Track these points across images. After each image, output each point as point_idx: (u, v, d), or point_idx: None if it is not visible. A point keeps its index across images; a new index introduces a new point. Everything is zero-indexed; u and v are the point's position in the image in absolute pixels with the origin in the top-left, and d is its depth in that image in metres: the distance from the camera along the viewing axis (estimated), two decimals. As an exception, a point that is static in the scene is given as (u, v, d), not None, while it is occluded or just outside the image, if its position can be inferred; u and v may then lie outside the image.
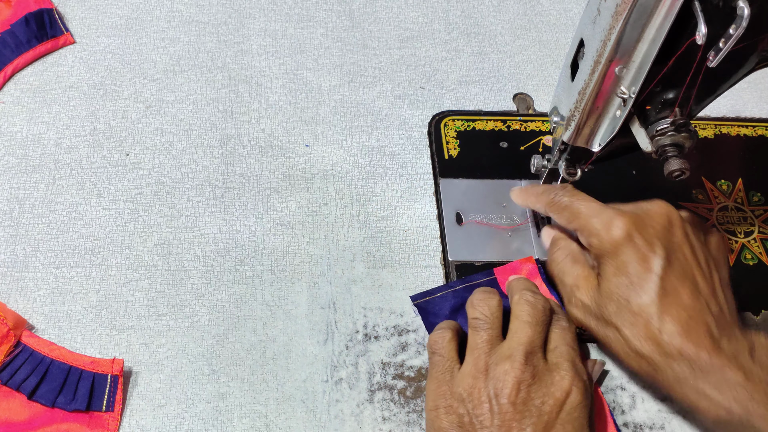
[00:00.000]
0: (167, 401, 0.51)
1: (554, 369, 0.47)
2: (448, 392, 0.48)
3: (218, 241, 0.59)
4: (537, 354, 0.47)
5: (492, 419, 0.45)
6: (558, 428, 0.45)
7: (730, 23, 0.39)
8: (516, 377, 0.46)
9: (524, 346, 0.47)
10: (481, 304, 0.50)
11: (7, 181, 0.60)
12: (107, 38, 0.70)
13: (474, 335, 0.49)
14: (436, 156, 0.65)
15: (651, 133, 0.46)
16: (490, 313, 0.50)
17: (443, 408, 0.47)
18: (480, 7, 0.76)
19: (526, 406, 0.45)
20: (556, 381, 0.46)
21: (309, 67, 0.70)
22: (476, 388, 0.46)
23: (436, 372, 0.49)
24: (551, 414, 0.45)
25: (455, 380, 0.48)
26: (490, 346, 0.48)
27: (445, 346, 0.50)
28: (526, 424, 0.45)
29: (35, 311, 0.54)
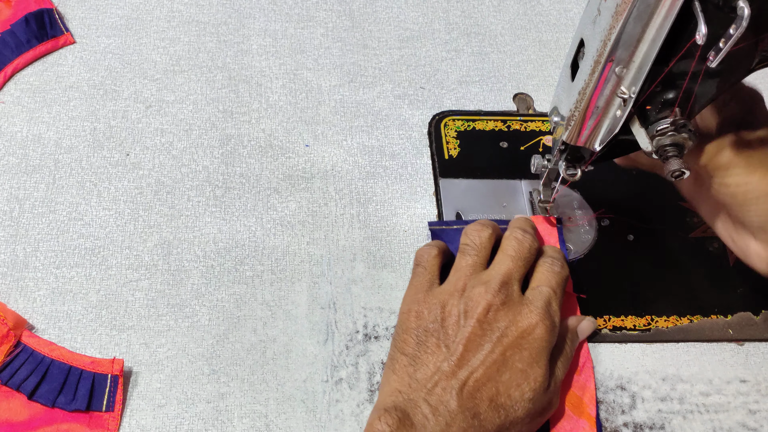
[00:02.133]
0: (167, 401, 0.51)
1: (527, 303, 0.50)
2: (422, 300, 0.51)
3: (218, 241, 0.59)
4: (512, 285, 0.51)
5: (457, 331, 0.49)
6: (515, 351, 0.48)
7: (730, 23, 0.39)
8: (488, 300, 0.49)
9: (502, 275, 0.51)
10: (473, 233, 0.54)
11: (7, 181, 0.60)
12: (107, 38, 0.70)
13: (460, 259, 0.53)
14: (436, 156, 0.65)
15: (651, 133, 0.46)
16: (479, 242, 0.54)
17: (414, 312, 0.51)
18: (480, 7, 0.76)
19: (490, 326, 0.49)
20: (524, 313, 0.49)
21: (309, 67, 0.70)
22: (450, 303, 0.50)
23: (416, 281, 0.53)
24: (512, 338, 0.48)
25: (433, 292, 0.52)
26: (472, 270, 0.52)
27: (429, 260, 0.54)
28: (485, 340, 0.48)
29: (35, 311, 0.54)
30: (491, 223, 0.55)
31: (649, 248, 0.60)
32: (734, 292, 0.59)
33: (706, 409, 0.54)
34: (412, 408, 0.46)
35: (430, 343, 0.49)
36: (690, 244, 0.62)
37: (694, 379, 0.55)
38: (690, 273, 0.60)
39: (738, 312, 0.58)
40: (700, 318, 0.58)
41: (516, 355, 0.48)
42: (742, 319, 0.58)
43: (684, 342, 0.57)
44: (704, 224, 0.62)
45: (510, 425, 0.47)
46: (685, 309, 0.58)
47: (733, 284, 0.59)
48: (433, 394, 0.47)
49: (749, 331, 0.57)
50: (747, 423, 0.54)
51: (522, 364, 0.48)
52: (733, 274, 0.60)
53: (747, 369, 0.56)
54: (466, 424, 0.46)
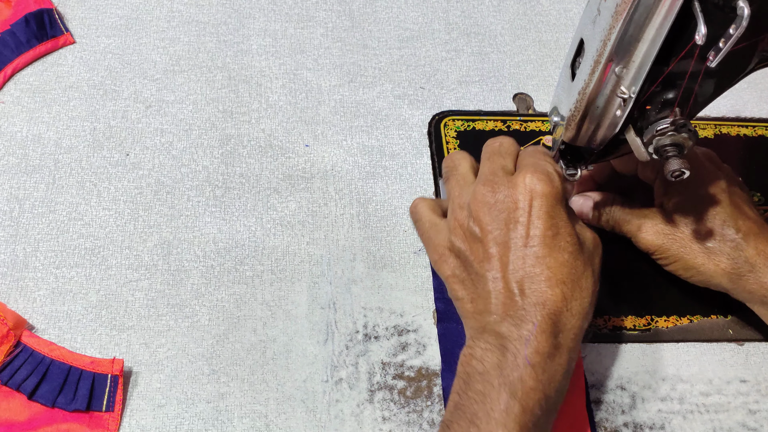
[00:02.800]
0: (167, 401, 0.51)
1: (516, 176, 0.50)
2: (439, 241, 0.52)
3: (218, 241, 0.59)
4: (497, 175, 0.50)
5: (477, 249, 0.49)
6: (536, 225, 0.48)
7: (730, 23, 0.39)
8: (478, 200, 0.49)
9: (484, 175, 0.51)
10: (446, 159, 0.56)
11: (7, 181, 0.60)
12: (107, 38, 0.70)
13: (447, 185, 0.54)
14: (436, 156, 0.65)
15: (651, 133, 0.46)
16: (454, 162, 0.55)
17: (440, 258, 0.51)
18: (480, 7, 0.76)
19: (497, 221, 0.48)
20: (518, 183, 0.49)
21: (309, 67, 0.70)
22: (458, 225, 0.51)
23: (423, 233, 0.54)
24: (522, 216, 0.48)
25: (439, 230, 0.52)
26: (458, 187, 0.52)
27: (420, 210, 0.55)
28: (502, 236, 0.48)
29: (35, 311, 0.54)
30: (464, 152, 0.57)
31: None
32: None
33: (706, 409, 0.54)
34: (489, 332, 0.46)
35: (471, 274, 0.49)
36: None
37: (694, 379, 0.55)
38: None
39: (738, 312, 0.58)
40: (700, 318, 0.58)
41: (537, 228, 0.48)
42: (742, 319, 0.58)
43: (684, 342, 0.57)
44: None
45: (575, 287, 0.47)
46: (685, 309, 0.58)
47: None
48: (498, 313, 0.47)
49: (749, 331, 0.58)
50: (747, 423, 0.54)
51: (549, 230, 0.47)
52: None
53: (747, 369, 0.56)
54: (541, 315, 0.46)
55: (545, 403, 0.44)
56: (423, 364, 0.54)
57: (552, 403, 0.45)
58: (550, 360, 0.45)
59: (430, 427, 0.52)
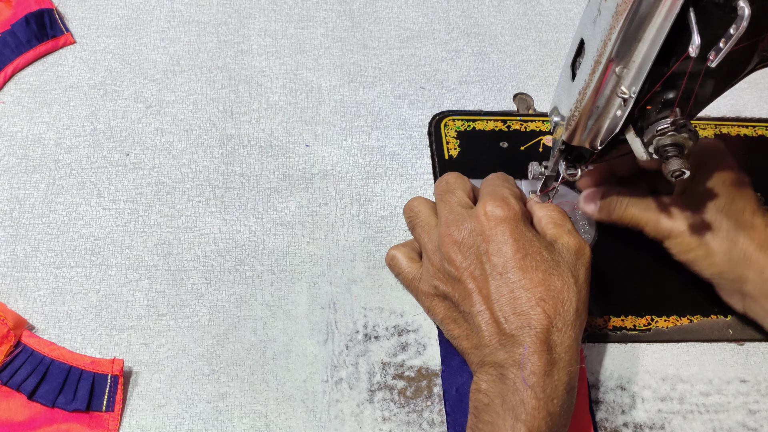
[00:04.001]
0: (167, 401, 0.51)
1: (475, 209, 0.51)
2: (424, 289, 0.54)
3: (218, 241, 0.59)
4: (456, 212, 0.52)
5: (459, 286, 0.50)
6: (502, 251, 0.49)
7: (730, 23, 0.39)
8: (446, 241, 0.51)
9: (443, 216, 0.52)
10: (405, 209, 0.58)
11: (7, 181, 0.60)
12: (107, 38, 0.70)
13: (414, 234, 0.56)
14: (436, 156, 0.65)
15: (651, 133, 0.46)
16: (412, 211, 0.57)
17: (430, 304, 0.53)
18: (480, 7, 0.76)
19: (469, 255, 0.50)
20: (478, 215, 0.50)
21: (309, 67, 0.70)
22: (435, 270, 0.52)
23: (407, 285, 0.56)
24: (489, 245, 0.49)
25: (423, 278, 0.54)
26: (427, 233, 0.54)
27: (398, 264, 0.56)
28: (478, 272, 0.49)
29: (35, 311, 0.54)
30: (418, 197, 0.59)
31: (650, 248, 0.60)
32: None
33: (706, 409, 0.54)
34: (487, 364, 0.48)
35: (460, 313, 0.51)
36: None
37: (694, 379, 0.55)
38: (690, 273, 0.60)
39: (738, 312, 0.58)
40: (700, 318, 0.58)
41: (504, 254, 0.49)
42: (742, 319, 0.58)
43: (684, 342, 0.57)
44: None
45: (556, 301, 0.48)
46: (685, 309, 0.58)
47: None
48: (492, 344, 0.48)
49: (749, 331, 0.57)
50: (747, 423, 0.54)
51: (517, 254, 0.49)
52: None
53: (747, 369, 0.56)
54: (529, 336, 0.46)
55: (551, 420, 0.45)
56: (423, 364, 0.54)
57: (559, 419, 0.46)
58: (548, 378, 0.45)
59: (430, 427, 0.52)
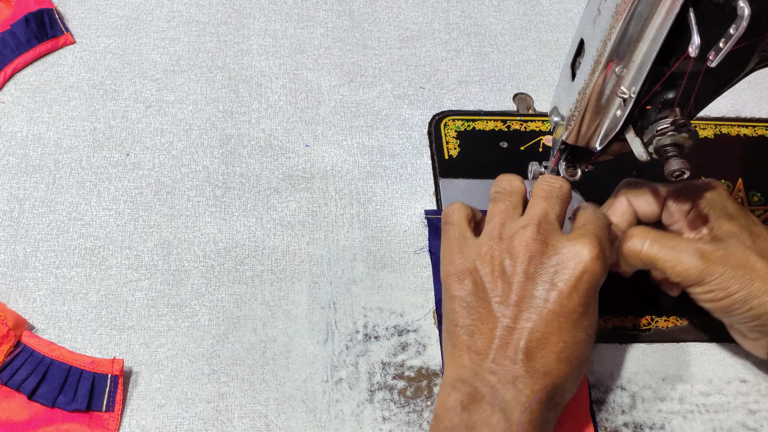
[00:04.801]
0: (167, 401, 0.51)
1: (575, 239, 0.47)
2: (459, 258, 0.48)
3: (218, 241, 0.59)
4: (552, 224, 0.48)
5: (504, 287, 0.46)
6: (573, 297, 0.46)
7: (730, 23, 0.39)
8: (528, 245, 0.46)
9: (538, 215, 0.48)
10: (503, 181, 0.52)
11: (7, 181, 0.60)
12: (107, 38, 0.70)
13: (492, 206, 0.50)
14: (436, 156, 0.65)
15: (651, 133, 0.46)
16: (510, 187, 0.51)
17: (455, 275, 0.48)
18: (480, 7, 0.76)
19: (537, 274, 0.46)
20: (576, 250, 0.46)
21: (309, 67, 0.70)
22: (489, 255, 0.47)
23: (446, 240, 0.50)
24: (566, 283, 0.46)
25: (467, 246, 0.49)
26: (505, 216, 0.49)
27: (455, 215, 0.51)
28: (537, 292, 0.46)
29: (35, 311, 0.54)
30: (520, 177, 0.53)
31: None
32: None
33: (706, 409, 0.54)
34: (480, 381, 0.45)
35: (481, 308, 0.47)
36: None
37: (694, 379, 0.55)
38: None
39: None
40: (700, 318, 0.58)
41: (573, 300, 0.46)
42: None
43: (684, 342, 0.57)
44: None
45: (577, 369, 0.46)
46: (685, 309, 0.58)
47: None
48: (497, 363, 0.45)
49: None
50: (747, 423, 0.54)
51: (581, 307, 0.46)
52: None
53: (747, 369, 0.56)
54: (541, 385, 0.44)
55: None
56: (423, 364, 0.54)
57: None
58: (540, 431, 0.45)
59: (430, 427, 0.52)
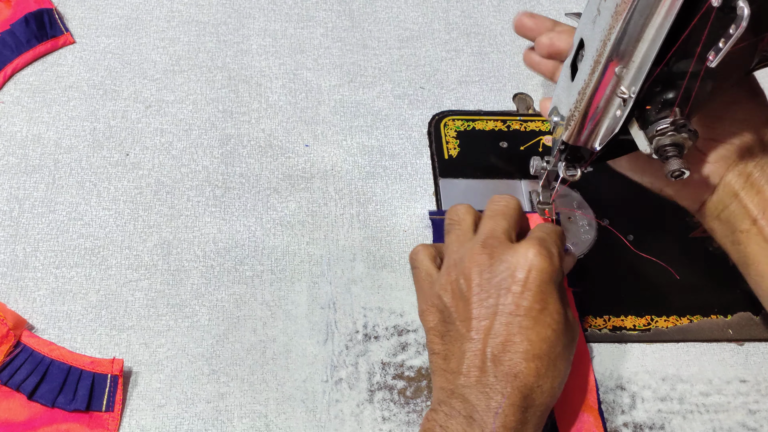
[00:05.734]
0: (167, 401, 0.51)
1: (518, 246, 0.49)
2: (429, 293, 0.51)
3: (218, 241, 0.59)
4: (498, 237, 0.50)
5: (465, 306, 0.48)
6: (526, 296, 0.47)
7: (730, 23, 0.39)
8: (475, 261, 0.49)
9: (485, 233, 0.50)
10: (452, 212, 0.55)
11: (7, 181, 0.60)
12: (107, 38, 0.70)
13: (446, 238, 0.54)
14: (436, 156, 0.65)
15: (651, 133, 0.46)
16: (458, 217, 0.54)
17: (427, 309, 0.51)
18: (480, 7, 0.76)
19: (489, 283, 0.48)
20: (519, 253, 0.48)
21: (309, 67, 0.70)
22: (448, 282, 0.50)
23: (417, 281, 0.54)
24: (517, 284, 0.47)
25: (433, 283, 0.52)
26: (459, 243, 0.52)
27: (419, 258, 0.54)
28: (491, 301, 0.48)
29: (35, 311, 0.54)
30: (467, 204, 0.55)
31: (649, 248, 0.60)
32: (734, 292, 0.59)
33: (706, 409, 0.54)
34: (456, 398, 0.46)
35: (451, 331, 0.49)
36: (690, 244, 0.62)
37: (694, 379, 0.55)
38: (690, 273, 0.60)
39: (738, 312, 0.58)
40: (700, 318, 0.58)
41: (527, 299, 0.47)
42: (742, 319, 0.58)
43: (684, 342, 0.57)
44: (704, 224, 0.62)
45: (550, 365, 0.47)
46: (685, 309, 0.58)
47: (733, 284, 0.59)
48: (470, 376, 0.46)
49: (749, 331, 0.57)
50: (747, 423, 0.54)
51: (538, 304, 0.47)
52: (733, 274, 0.60)
53: (747, 369, 0.56)
54: (512, 387, 0.45)
55: None
56: (423, 364, 0.54)
57: None
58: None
59: (430, 427, 0.52)
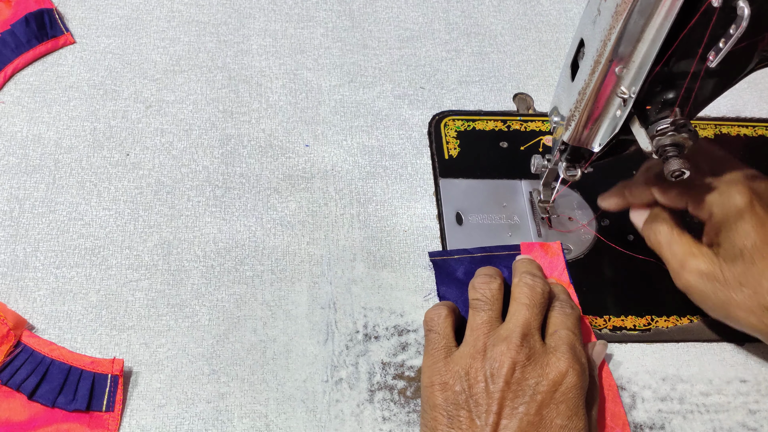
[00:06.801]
0: (167, 401, 0.51)
1: (551, 351, 0.48)
2: (443, 369, 0.49)
3: (218, 241, 0.59)
4: (534, 336, 0.49)
5: (487, 398, 0.46)
6: (552, 408, 0.46)
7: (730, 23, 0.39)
8: (512, 358, 0.47)
9: (521, 327, 0.48)
10: (482, 286, 0.52)
11: (7, 181, 0.60)
12: (107, 38, 0.70)
13: (474, 316, 0.51)
14: (436, 156, 0.65)
15: (651, 133, 0.46)
16: (491, 295, 0.51)
17: (438, 385, 0.48)
18: (480, 7, 0.76)
19: (520, 386, 0.46)
20: (552, 363, 0.47)
21: (309, 67, 0.70)
22: (473, 367, 0.47)
23: (432, 349, 0.50)
24: (545, 394, 0.46)
25: (453, 358, 0.49)
26: (489, 327, 0.49)
27: (440, 323, 0.51)
28: (519, 403, 0.46)
29: (35, 311, 0.54)
30: (497, 272, 0.53)
31: (649, 248, 0.60)
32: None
33: (706, 409, 0.54)
34: None
35: (462, 416, 0.46)
36: (690, 244, 0.61)
37: (694, 379, 0.55)
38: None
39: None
40: (700, 318, 0.58)
41: (553, 411, 0.46)
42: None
43: (684, 342, 0.57)
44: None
45: None
46: (685, 309, 0.58)
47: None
48: None
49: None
50: (747, 423, 0.54)
51: (561, 420, 0.46)
52: None
53: (747, 369, 0.56)
54: None
55: None
56: (423, 364, 0.54)
57: None
58: None
59: (430, 427, 0.52)
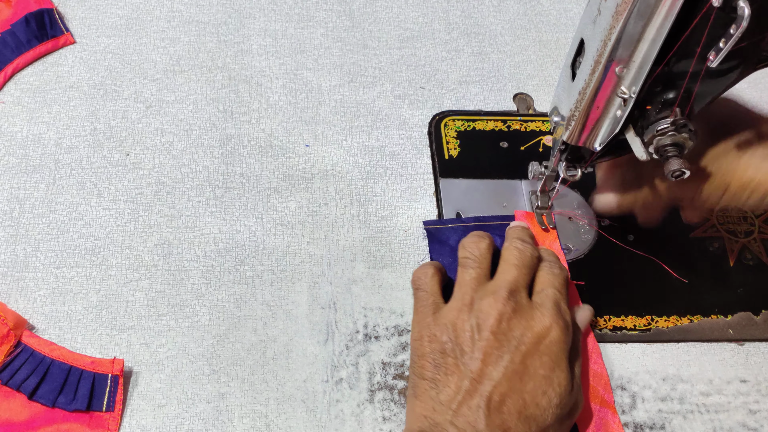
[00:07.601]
0: (167, 401, 0.51)
1: (537, 307, 0.50)
2: (432, 323, 0.50)
3: (218, 241, 0.59)
4: (521, 292, 0.50)
5: (473, 346, 0.48)
6: (535, 358, 0.47)
7: (731, 23, 0.39)
8: (498, 310, 0.48)
9: (509, 283, 0.50)
10: (471, 245, 0.54)
11: (7, 181, 0.60)
12: (107, 38, 0.70)
13: (463, 273, 0.52)
14: (436, 156, 0.65)
15: (651, 133, 0.46)
16: (479, 253, 0.53)
17: (427, 337, 0.50)
18: (480, 7, 0.76)
19: (506, 336, 0.48)
20: (537, 317, 0.49)
21: (309, 67, 0.70)
22: (460, 319, 0.49)
23: (420, 306, 0.52)
24: (530, 345, 0.48)
25: (441, 312, 0.51)
26: (477, 283, 0.51)
27: (428, 281, 0.53)
28: (503, 351, 0.47)
29: (35, 311, 0.54)
30: (487, 234, 0.55)
31: (649, 248, 0.60)
32: (734, 292, 0.59)
33: (707, 409, 0.54)
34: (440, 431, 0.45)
35: (448, 363, 0.48)
36: (690, 244, 0.62)
37: (694, 379, 0.55)
38: (690, 273, 0.60)
39: (738, 312, 0.58)
40: (700, 318, 0.58)
41: (536, 361, 0.47)
42: (742, 319, 0.58)
43: (684, 342, 0.57)
44: (704, 224, 0.62)
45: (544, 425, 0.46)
46: (685, 309, 0.58)
47: (733, 284, 0.59)
48: (459, 415, 0.46)
49: (749, 331, 0.58)
50: (747, 423, 0.54)
51: (544, 370, 0.47)
52: (733, 274, 0.60)
53: (747, 369, 0.56)
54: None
55: None
56: (423, 364, 0.54)
57: None
58: None
59: (431, 427, 0.52)
